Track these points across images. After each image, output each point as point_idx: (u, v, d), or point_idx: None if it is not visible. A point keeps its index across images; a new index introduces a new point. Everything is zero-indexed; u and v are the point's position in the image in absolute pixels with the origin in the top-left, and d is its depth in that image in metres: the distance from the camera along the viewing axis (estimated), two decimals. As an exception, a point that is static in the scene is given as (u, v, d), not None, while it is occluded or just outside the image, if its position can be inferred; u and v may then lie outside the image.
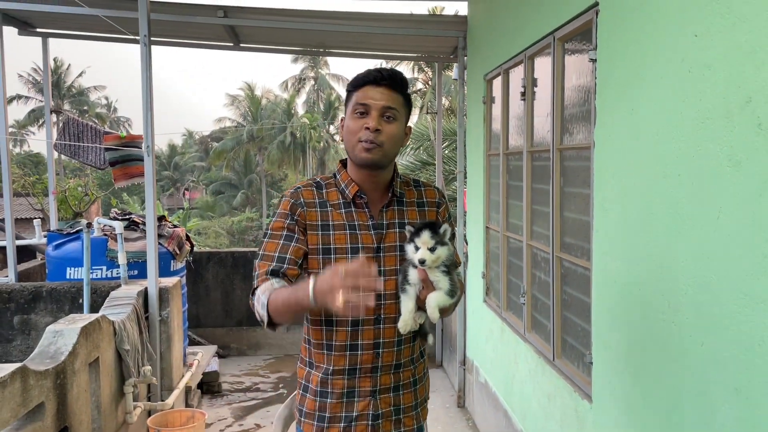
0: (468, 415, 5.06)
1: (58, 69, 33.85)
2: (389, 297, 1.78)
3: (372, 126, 1.71)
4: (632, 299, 2.27)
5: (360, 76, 1.79)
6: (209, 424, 4.87)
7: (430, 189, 1.95)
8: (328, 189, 1.83)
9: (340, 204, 1.81)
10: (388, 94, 1.75)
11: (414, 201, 1.89)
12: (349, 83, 1.82)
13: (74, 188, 12.30)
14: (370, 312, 1.66)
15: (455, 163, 7.97)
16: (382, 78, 1.75)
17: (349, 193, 1.81)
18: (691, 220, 1.87)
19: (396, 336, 1.79)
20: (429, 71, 21.07)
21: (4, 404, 2.46)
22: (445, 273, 1.70)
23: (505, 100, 4.14)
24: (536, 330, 3.55)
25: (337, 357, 1.79)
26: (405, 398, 1.86)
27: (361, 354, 1.78)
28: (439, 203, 1.93)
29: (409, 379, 1.87)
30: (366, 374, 1.79)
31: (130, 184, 6.07)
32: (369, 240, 1.79)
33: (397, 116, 1.76)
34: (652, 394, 2.12)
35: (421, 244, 1.67)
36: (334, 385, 1.79)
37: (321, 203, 1.81)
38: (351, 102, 1.78)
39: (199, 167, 40.37)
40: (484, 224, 4.72)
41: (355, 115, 1.75)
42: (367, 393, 1.80)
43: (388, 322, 1.79)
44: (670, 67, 1.98)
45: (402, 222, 1.83)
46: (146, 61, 4.40)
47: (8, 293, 4.54)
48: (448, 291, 1.69)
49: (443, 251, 1.68)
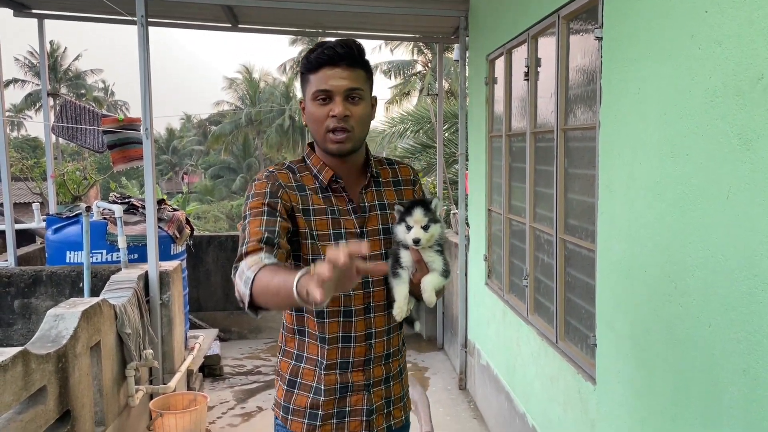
0: (470, 398, 5.08)
1: (54, 52, 33.57)
2: (377, 284, 1.70)
3: (339, 113, 1.59)
4: (638, 281, 2.25)
5: (313, 56, 1.61)
6: (211, 407, 4.88)
7: (403, 167, 1.85)
8: (301, 173, 1.71)
9: (317, 188, 1.69)
10: (349, 74, 1.60)
11: (390, 180, 1.79)
12: (302, 64, 1.65)
13: (73, 172, 12.25)
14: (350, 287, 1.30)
15: (456, 145, 7.93)
16: (338, 56, 1.59)
17: (323, 178, 1.69)
18: (699, 200, 1.84)
19: (386, 324, 1.73)
20: (428, 53, 20.91)
21: (6, 388, 2.45)
22: (439, 252, 1.62)
23: (508, 80, 4.09)
24: (539, 312, 3.54)
25: (330, 350, 1.68)
26: (395, 389, 1.80)
27: (354, 346, 1.69)
28: (414, 181, 1.84)
29: (397, 368, 1.81)
30: (359, 367, 1.71)
31: (129, 168, 6.03)
32: (351, 225, 1.68)
33: (363, 95, 1.63)
34: (658, 376, 2.11)
35: (414, 222, 1.58)
36: (328, 381, 1.69)
37: (299, 186, 1.68)
38: (309, 86, 1.63)
39: (198, 151, 40.22)
40: (486, 207, 4.69)
41: (317, 102, 1.61)
42: (360, 387, 1.71)
43: (377, 310, 1.71)
44: (678, 44, 1.94)
45: (382, 204, 1.74)
46: (144, 42, 4.34)
47: (8, 277, 4.52)
48: (442, 271, 1.62)
49: (437, 229, 1.59)
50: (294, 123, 33.20)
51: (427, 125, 11.94)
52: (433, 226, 1.59)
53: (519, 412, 3.73)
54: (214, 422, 4.68)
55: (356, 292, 1.68)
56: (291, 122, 33.15)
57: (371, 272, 1.24)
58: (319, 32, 6.62)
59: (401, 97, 21.82)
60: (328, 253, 1.15)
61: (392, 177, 1.81)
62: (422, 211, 1.58)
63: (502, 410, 4.11)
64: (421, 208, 1.59)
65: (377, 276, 1.49)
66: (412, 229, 1.58)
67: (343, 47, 1.60)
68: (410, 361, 6.09)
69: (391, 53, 23.72)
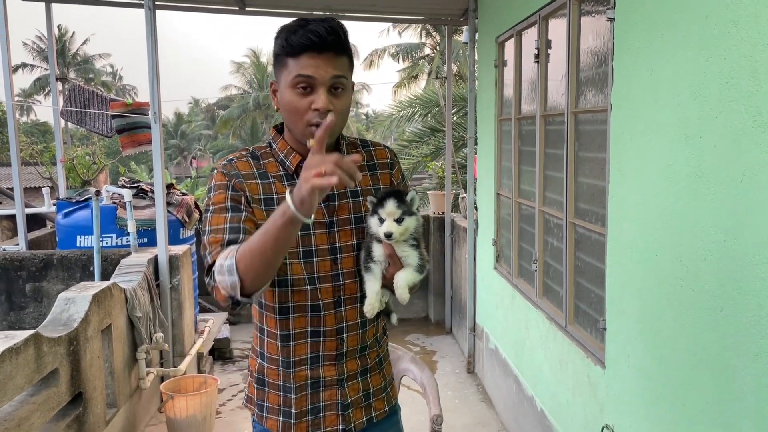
0: (478, 381, 5.09)
1: (62, 37, 33.56)
2: (348, 276, 1.59)
3: (323, 107, 1.44)
4: (649, 265, 2.24)
5: (295, 39, 1.44)
6: (221, 389, 4.92)
7: (380, 149, 1.71)
8: (264, 159, 1.59)
9: (281, 176, 1.57)
10: (334, 62, 1.46)
11: (364, 165, 1.66)
12: (279, 45, 1.48)
13: (82, 156, 12.27)
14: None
15: (464, 129, 7.88)
16: (325, 45, 1.44)
17: (290, 164, 1.57)
18: (713, 184, 1.82)
19: (359, 317, 1.62)
20: (437, 36, 20.75)
21: (18, 370, 2.48)
22: (414, 246, 1.54)
23: (518, 63, 4.05)
24: (548, 296, 3.54)
25: (298, 346, 1.60)
26: (373, 381, 1.70)
27: (323, 341, 1.60)
28: (391, 164, 1.71)
29: (375, 360, 1.71)
30: (330, 362, 1.62)
31: (138, 152, 6.03)
32: (320, 215, 1.56)
33: (346, 84, 1.50)
34: (668, 360, 2.10)
35: (386, 215, 1.48)
36: (297, 378, 1.61)
37: (261, 174, 1.57)
38: (287, 71, 1.47)
39: (206, 136, 40.24)
40: (495, 191, 4.67)
41: (297, 90, 1.45)
42: (333, 382, 1.63)
43: (349, 303, 1.61)
44: (693, 24, 1.91)
45: (355, 191, 1.61)
46: (151, 25, 4.32)
47: (20, 261, 4.56)
48: (417, 267, 1.53)
49: (411, 222, 1.50)
50: (302, 107, 33.04)
51: (436, 109, 11.87)
52: (408, 218, 1.50)
53: (527, 395, 3.73)
54: (224, 404, 4.72)
55: (324, 285, 1.58)
56: (299, 106, 33.01)
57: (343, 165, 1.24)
58: (328, 15, 6.57)
59: (409, 80, 21.69)
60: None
61: (367, 161, 1.67)
62: (395, 203, 1.49)
63: (511, 394, 4.12)
64: (395, 200, 1.49)
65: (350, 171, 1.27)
66: (385, 222, 1.49)
67: (330, 33, 1.45)
68: (418, 344, 6.11)
69: (399, 36, 23.55)
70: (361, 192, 1.62)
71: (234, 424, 4.39)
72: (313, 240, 1.56)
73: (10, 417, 2.47)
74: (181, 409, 4.04)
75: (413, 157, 11.35)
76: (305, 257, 1.56)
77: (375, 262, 1.55)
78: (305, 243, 1.56)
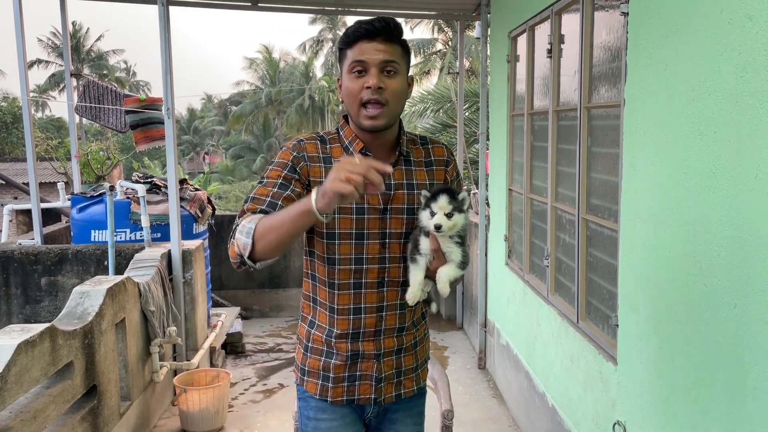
0: (489, 377, 5.09)
1: (77, 33, 33.79)
2: (393, 261, 1.73)
3: (374, 84, 1.60)
4: (662, 261, 2.23)
5: (351, 30, 1.64)
6: (234, 383, 4.96)
7: (438, 146, 1.85)
8: (332, 144, 1.74)
9: None
10: (385, 47, 1.62)
11: (422, 161, 1.79)
12: (341, 40, 1.68)
13: (96, 152, 12.38)
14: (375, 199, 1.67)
15: (476, 124, 7.86)
16: (375, 31, 1.61)
17: (353, 150, 1.71)
18: (727, 180, 1.80)
19: (399, 299, 1.75)
20: (449, 31, 20.68)
21: (34, 363, 2.51)
22: (459, 244, 1.62)
23: (530, 58, 4.03)
24: (560, 292, 3.53)
25: (341, 320, 1.74)
26: (406, 360, 1.83)
27: (364, 317, 1.74)
28: (447, 161, 1.83)
29: (411, 341, 1.84)
30: (369, 338, 1.75)
31: (151, 148, 6.07)
32: (375, 201, 1.69)
33: (398, 69, 1.64)
34: (681, 356, 2.09)
35: (438, 209, 1.57)
36: (339, 348, 1.75)
37: (325, 158, 1.71)
38: (346, 60, 1.65)
39: (219, 131, 40.40)
40: (507, 186, 4.66)
41: (353, 75, 1.63)
42: (371, 356, 1.76)
43: (391, 285, 1.74)
44: (707, 18, 1.89)
45: (410, 183, 1.74)
46: (164, 22, 4.35)
47: (35, 255, 4.61)
48: (459, 263, 1.62)
49: (460, 219, 1.59)
50: (314, 103, 33.15)
51: (447, 104, 11.85)
52: (457, 215, 1.58)
53: (539, 391, 3.73)
54: (237, 398, 4.75)
55: (371, 266, 1.71)
56: (311, 102, 33.11)
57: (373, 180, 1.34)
58: (340, 10, 6.57)
59: (421, 76, 21.65)
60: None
61: (424, 157, 1.79)
62: (448, 199, 1.57)
63: (522, 389, 4.11)
64: (447, 196, 1.58)
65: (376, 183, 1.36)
66: (435, 215, 1.57)
67: (381, 22, 1.62)
68: (430, 339, 6.11)
69: (411, 32, 23.50)
70: (417, 185, 1.74)
71: (246, 417, 4.41)
72: (366, 223, 1.69)
73: (26, 409, 2.50)
74: (194, 402, 4.08)
75: (425, 153, 11.33)
76: (356, 239, 1.69)
77: (421, 254, 1.64)
78: (359, 225, 1.69)
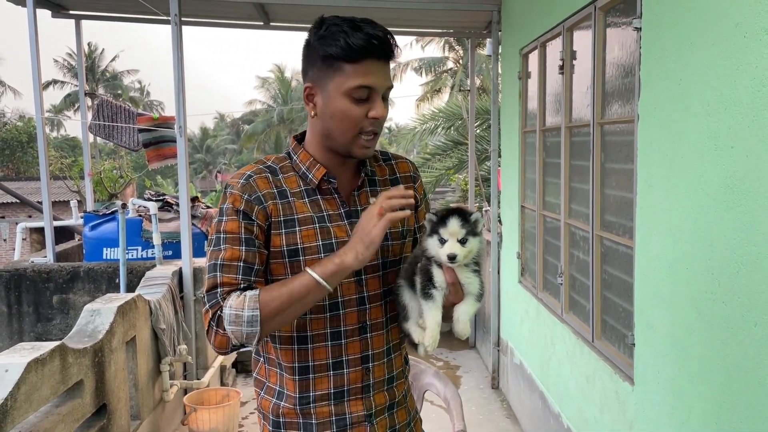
0: (503, 397, 5.02)
1: (92, 54, 34.31)
2: (373, 299, 1.46)
3: (382, 116, 1.38)
4: (678, 278, 2.18)
5: (356, 42, 1.33)
6: (244, 402, 4.92)
7: (402, 162, 1.60)
8: (284, 174, 1.44)
9: (301, 192, 1.43)
10: (388, 69, 1.40)
11: (387, 179, 1.54)
12: (339, 47, 1.34)
13: (109, 170, 12.50)
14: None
15: (488, 142, 7.84)
16: (385, 50, 1.36)
17: (313, 177, 1.43)
18: (744, 195, 1.77)
19: (386, 344, 1.49)
20: (459, 49, 20.76)
21: (44, 381, 2.50)
22: (476, 273, 1.38)
23: (542, 74, 4.02)
24: (574, 311, 3.48)
25: (319, 379, 1.44)
26: (399, 416, 1.55)
27: (348, 372, 1.45)
28: (414, 177, 1.60)
29: (402, 393, 1.56)
30: (357, 396, 1.46)
31: (164, 166, 6.11)
32: (343, 233, 1.42)
33: (389, 92, 1.43)
34: (700, 377, 2.04)
35: (449, 235, 1.33)
36: (319, 414, 1.44)
37: (280, 193, 1.41)
38: (344, 77, 1.35)
39: (231, 150, 40.73)
40: (519, 203, 4.63)
41: (353, 98, 1.35)
42: (361, 419, 1.46)
43: (375, 329, 1.47)
44: (722, 32, 1.87)
45: None
46: (177, 41, 4.39)
47: (47, 273, 4.63)
48: (477, 296, 1.38)
49: (475, 243, 1.34)
50: (325, 121, 33.27)
51: (459, 122, 11.86)
52: (472, 239, 1.34)
53: (553, 411, 3.66)
54: (247, 417, 4.71)
55: (349, 310, 1.44)
56: (322, 120, 33.25)
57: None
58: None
59: (432, 94, 21.71)
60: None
61: (389, 174, 1.56)
62: (459, 222, 1.33)
63: (536, 410, 4.04)
64: (458, 218, 1.34)
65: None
66: (447, 243, 1.33)
67: (391, 38, 1.38)
68: (442, 359, 6.05)
69: (422, 50, 23.61)
70: (429, 213, 1.47)
71: (256, 437, 4.37)
72: None
73: (35, 428, 2.48)
74: (204, 421, 4.04)
75: (436, 170, 11.35)
76: None
77: (437, 288, 1.37)
78: None
